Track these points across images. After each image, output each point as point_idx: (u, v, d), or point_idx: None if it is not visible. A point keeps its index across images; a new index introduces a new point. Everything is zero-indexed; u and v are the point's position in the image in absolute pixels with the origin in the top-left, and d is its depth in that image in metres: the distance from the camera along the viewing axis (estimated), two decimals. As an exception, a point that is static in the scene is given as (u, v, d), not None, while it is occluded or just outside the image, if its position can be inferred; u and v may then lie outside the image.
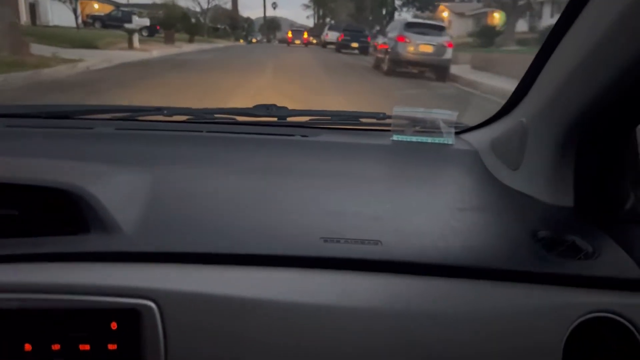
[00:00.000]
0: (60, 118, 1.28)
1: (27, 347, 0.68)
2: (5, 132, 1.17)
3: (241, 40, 46.04)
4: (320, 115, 1.36)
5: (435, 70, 12.04)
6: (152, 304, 0.69)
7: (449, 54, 11.92)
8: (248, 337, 0.70)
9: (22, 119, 1.26)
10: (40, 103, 4.76)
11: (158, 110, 1.31)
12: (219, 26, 48.49)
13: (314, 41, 40.50)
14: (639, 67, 0.71)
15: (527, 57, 1.07)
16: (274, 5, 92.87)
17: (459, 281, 0.76)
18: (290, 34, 39.86)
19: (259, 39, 48.82)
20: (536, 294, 0.75)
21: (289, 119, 1.33)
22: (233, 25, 55.65)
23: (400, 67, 12.30)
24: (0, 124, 1.19)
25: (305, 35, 39.64)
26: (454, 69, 12.24)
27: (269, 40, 72.04)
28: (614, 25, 0.71)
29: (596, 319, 0.74)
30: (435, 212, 0.93)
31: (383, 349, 0.71)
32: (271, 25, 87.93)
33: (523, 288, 0.76)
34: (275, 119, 1.32)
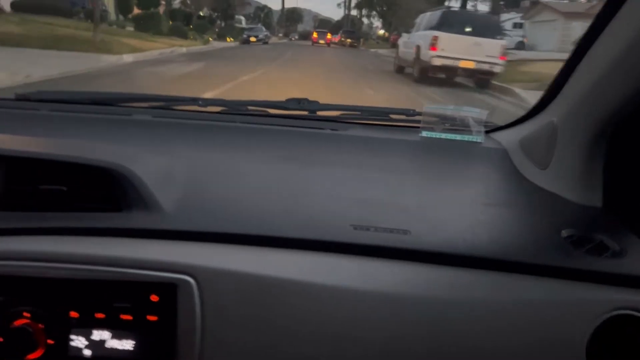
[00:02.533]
0: (100, 104, 1.33)
1: (73, 314, 0.72)
2: (50, 116, 1.23)
3: (229, 39, 30.02)
4: (351, 110, 1.39)
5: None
6: (191, 279, 0.72)
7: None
8: (280, 316, 0.73)
9: (65, 104, 1.32)
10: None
11: (193, 100, 1.36)
12: (179, 6, 30.53)
13: (349, 41, 34.66)
14: None
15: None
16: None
17: (486, 273, 0.77)
18: (315, 35, 40.27)
19: (261, 36, 31.03)
20: (562, 289, 0.77)
21: (320, 113, 1.36)
22: (224, 12, 36.74)
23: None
24: (45, 108, 1.25)
25: (329, 36, 39.60)
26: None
27: (286, 35, 60.15)
28: None
29: (622, 316, 0.75)
30: (463, 206, 0.95)
31: (409, 335, 0.74)
32: (291, 17, 76.67)
33: (549, 282, 0.77)
34: (306, 113, 1.35)
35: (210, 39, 26.27)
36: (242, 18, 45.62)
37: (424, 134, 1.24)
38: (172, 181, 0.89)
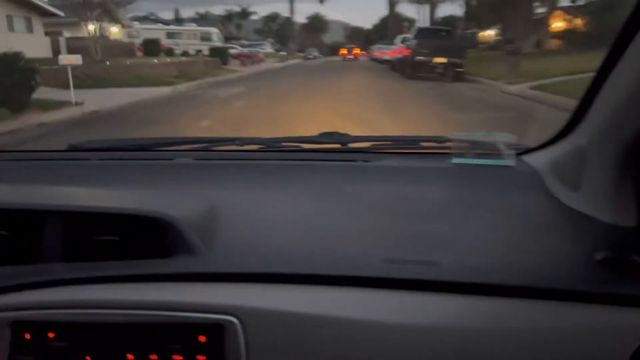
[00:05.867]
0: (144, 150, 1.44)
1: (130, 356, 0.78)
2: (100, 165, 1.33)
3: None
4: (382, 141, 1.43)
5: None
6: (235, 320, 0.77)
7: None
8: (320, 353, 0.77)
9: (113, 152, 1.43)
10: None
11: (232, 140, 1.43)
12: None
13: (441, 61, 13.57)
14: None
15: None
16: (322, -1, 62.42)
17: (519, 301, 0.79)
18: (344, 51, 38.06)
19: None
20: (597, 314, 0.77)
21: (352, 145, 1.40)
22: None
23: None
24: (95, 157, 1.36)
25: (357, 51, 37.28)
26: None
27: (301, 51, 44.94)
28: None
29: None
30: (496, 233, 0.96)
31: None
32: (312, 26, 60.93)
33: (583, 308, 0.78)
34: (338, 146, 1.40)
35: None
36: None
37: (455, 160, 1.26)
38: (214, 224, 0.94)
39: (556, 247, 0.93)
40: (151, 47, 24.87)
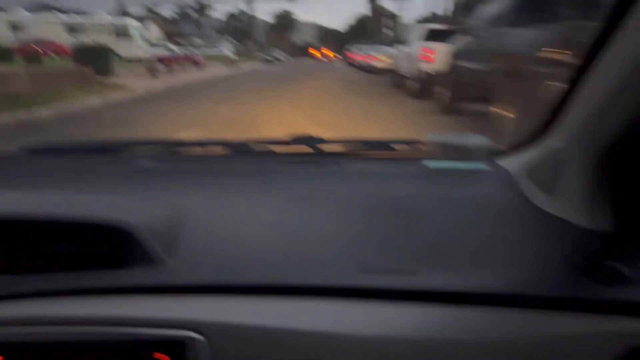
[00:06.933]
0: (101, 152, 1.35)
1: None
2: (51, 168, 1.22)
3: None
4: (354, 143, 1.38)
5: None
6: (199, 336, 0.71)
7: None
8: None
9: (65, 154, 1.33)
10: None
11: (196, 143, 1.37)
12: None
13: None
14: None
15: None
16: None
17: (497, 310, 0.75)
18: (313, 51, 37.31)
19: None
20: (576, 322, 0.74)
21: (323, 149, 1.35)
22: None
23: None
24: (45, 159, 1.26)
25: (329, 52, 37.64)
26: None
27: (262, 49, 40.59)
28: None
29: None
30: (472, 239, 0.93)
31: None
32: (280, 24, 54.61)
33: (563, 316, 0.75)
34: (310, 149, 1.35)
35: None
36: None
37: (428, 163, 1.22)
38: (176, 232, 0.87)
39: (533, 252, 0.90)
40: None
